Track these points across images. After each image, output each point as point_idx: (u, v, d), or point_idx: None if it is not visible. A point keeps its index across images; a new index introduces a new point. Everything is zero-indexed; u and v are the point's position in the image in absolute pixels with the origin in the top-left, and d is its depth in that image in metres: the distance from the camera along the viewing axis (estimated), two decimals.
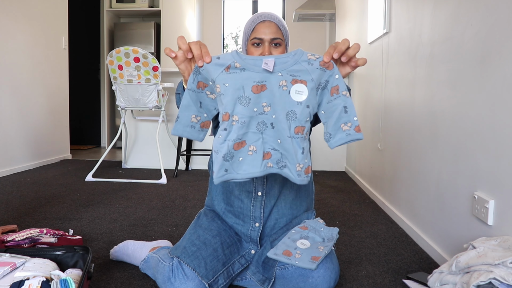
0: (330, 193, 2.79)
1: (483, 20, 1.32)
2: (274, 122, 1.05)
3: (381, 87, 2.55)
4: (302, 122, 1.04)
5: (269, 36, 1.25)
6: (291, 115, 1.03)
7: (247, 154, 1.05)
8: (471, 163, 1.37)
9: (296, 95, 1.03)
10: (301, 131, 1.04)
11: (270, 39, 1.25)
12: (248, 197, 1.34)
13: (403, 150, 2.10)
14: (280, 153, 1.06)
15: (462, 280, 1.04)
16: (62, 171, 3.47)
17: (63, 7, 4.18)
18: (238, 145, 1.04)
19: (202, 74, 1.05)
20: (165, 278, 1.19)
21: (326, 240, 1.23)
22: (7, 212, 2.17)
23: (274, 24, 1.26)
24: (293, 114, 1.03)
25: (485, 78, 1.30)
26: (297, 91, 1.02)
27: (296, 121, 1.04)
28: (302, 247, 1.18)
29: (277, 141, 1.05)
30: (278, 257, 1.14)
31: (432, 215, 1.69)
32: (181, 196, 2.65)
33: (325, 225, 1.29)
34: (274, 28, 1.25)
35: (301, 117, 1.04)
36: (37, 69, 3.73)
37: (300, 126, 1.04)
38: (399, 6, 2.25)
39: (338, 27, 4.56)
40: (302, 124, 1.04)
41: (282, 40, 1.27)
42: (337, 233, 1.25)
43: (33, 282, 1.03)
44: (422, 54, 1.85)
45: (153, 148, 3.75)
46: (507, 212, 1.18)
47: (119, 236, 1.81)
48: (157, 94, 3.11)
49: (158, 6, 5.09)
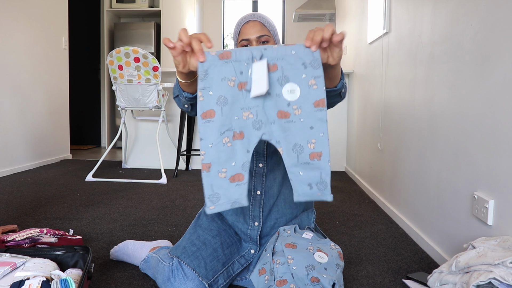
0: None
1: (483, 20, 1.32)
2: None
3: (381, 87, 2.55)
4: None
5: (254, 35, 1.26)
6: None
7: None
8: (471, 163, 1.37)
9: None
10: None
11: (257, 38, 1.26)
12: (247, 196, 1.34)
13: (403, 150, 2.10)
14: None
15: (462, 280, 1.04)
16: (62, 171, 3.47)
17: (63, 7, 4.18)
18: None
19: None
20: (165, 278, 1.19)
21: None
22: (7, 212, 2.17)
23: (258, 22, 1.28)
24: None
25: (484, 78, 1.30)
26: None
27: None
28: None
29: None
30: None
31: (432, 215, 1.70)
32: (181, 196, 2.65)
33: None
34: (259, 27, 1.27)
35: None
36: (37, 69, 3.73)
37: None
38: (399, 6, 2.25)
39: (338, 27, 4.56)
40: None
41: (270, 36, 1.28)
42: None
43: (33, 282, 1.03)
44: (422, 54, 1.86)
45: (153, 148, 3.75)
46: (507, 212, 1.18)
47: (119, 236, 1.81)
48: (157, 94, 3.11)
49: (158, 6, 5.09)
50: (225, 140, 0.98)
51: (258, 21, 1.28)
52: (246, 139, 0.99)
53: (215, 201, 0.98)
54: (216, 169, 0.97)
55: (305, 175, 0.97)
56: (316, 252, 1.15)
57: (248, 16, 1.30)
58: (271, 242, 1.24)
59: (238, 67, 0.98)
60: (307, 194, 0.97)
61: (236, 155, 0.99)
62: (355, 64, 3.43)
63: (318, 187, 0.96)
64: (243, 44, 1.28)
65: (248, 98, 0.99)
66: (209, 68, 0.98)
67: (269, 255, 1.18)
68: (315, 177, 0.96)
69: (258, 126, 0.99)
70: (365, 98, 3.03)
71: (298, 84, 0.97)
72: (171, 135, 3.69)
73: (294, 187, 0.98)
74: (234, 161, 0.99)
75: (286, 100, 0.97)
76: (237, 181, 0.98)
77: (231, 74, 0.98)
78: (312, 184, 0.97)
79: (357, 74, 3.33)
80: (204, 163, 0.98)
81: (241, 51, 0.99)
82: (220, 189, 0.97)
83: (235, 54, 0.98)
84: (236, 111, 0.99)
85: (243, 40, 1.27)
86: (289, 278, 1.10)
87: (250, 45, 1.27)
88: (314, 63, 0.96)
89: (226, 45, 6.02)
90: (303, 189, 0.97)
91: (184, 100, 1.19)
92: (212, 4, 5.77)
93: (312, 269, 1.09)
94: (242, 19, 1.31)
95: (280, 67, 0.97)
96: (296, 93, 0.97)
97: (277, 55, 0.97)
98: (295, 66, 0.96)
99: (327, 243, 1.23)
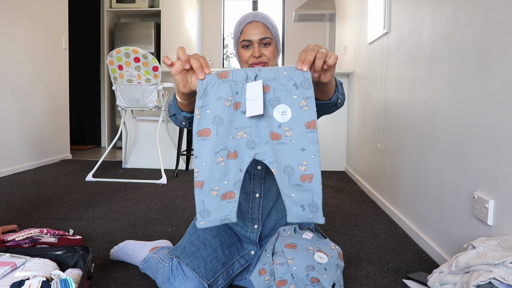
0: (330, 193, 2.79)
1: (483, 20, 1.32)
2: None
3: (381, 87, 2.55)
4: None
5: (257, 36, 1.24)
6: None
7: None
8: (471, 163, 1.37)
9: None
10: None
11: (259, 40, 1.25)
12: (246, 199, 1.33)
13: (403, 150, 2.10)
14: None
15: (462, 280, 1.04)
16: (62, 171, 3.47)
17: (63, 7, 4.18)
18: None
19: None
20: (165, 278, 1.19)
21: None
22: (7, 212, 2.17)
23: (262, 23, 1.25)
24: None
25: (485, 78, 1.30)
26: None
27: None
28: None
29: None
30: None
31: (432, 215, 1.70)
32: (181, 196, 2.65)
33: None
34: (262, 28, 1.25)
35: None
36: (37, 69, 3.73)
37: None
38: (399, 6, 2.25)
39: (338, 27, 4.56)
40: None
41: (272, 39, 1.26)
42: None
43: (33, 282, 1.03)
44: (422, 54, 1.85)
45: (153, 148, 3.75)
46: (507, 212, 1.18)
47: (119, 236, 1.81)
48: (157, 94, 3.11)
49: (158, 6, 5.09)
50: (219, 159, 0.99)
51: (261, 22, 1.25)
52: (240, 158, 1.00)
53: (206, 217, 0.99)
54: (209, 187, 0.99)
55: (297, 197, 0.98)
56: (316, 253, 1.15)
57: (251, 16, 1.27)
58: (271, 243, 1.24)
59: (235, 87, 0.99)
60: (300, 216, 0.98)
61: (229, 174, 1.00)
62: (355, 64, 3.43)
63: (310, 209, 0.97)
64: (244, 45, 1.26)
65: (242, 118, 0.99)
66: (207, 87, 0.99)
67: (269, 256, 1.18)
68: (307, 199, 0.97)
69: (251, 146, 1.00)
70: (365, 98, 3.03)
71: (290, 105, 0.97)
72: (171, 135, 3.69)
73: (287, 208, 0.99)
74: (226, 179, 1.00)
75: (277, 122, 0.97)
76: (228, 199, 1.00)
77: (228, 94, 0.99)
78: (304, 206, 0.98)
79: (357, 74, 3.33)
80: (197, 180, 0.99)
81: (237, 71, 1.00)
82: (211, 206, 0.99)
83: (232, 74, 0.99)
84: (231, 130, 1.00)
85: (245, 41, 1.25)
86: (289, 278, 1.10)
87: (251, 46, 1.26)
88: (305, 84, 0.96)
89: (226, 45, 6.02)
90: (296, 211, 0.98)
91: (182, 119, 1.18)
92: (212, 4, 5.77)
93: (312, 269, 1.09)
94: (244, 19, 1.28)
95: (272, 88, 0.98)
96: (288, 114, 0.97)
97: (270, 76, 0.98)
98: (287, 87, 0.97)
99: (327, 243, 1.23)
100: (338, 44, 4.52)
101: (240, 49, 1.28)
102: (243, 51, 1.27)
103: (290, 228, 1.27)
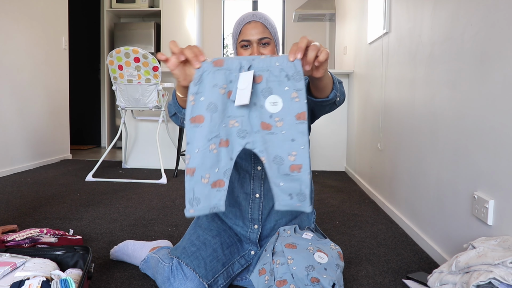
0: (330, 193, 2.79)
1: (483, 20, 1.32)
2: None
3: (381, 87, 2.55)
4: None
5: (256, 36, 1.24)
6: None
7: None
8: (471, 163, 1.37)
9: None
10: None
11: (258, 40, 1.24)
12: (246, 199, 1.33)
13: (403, 150, 2.10)
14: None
15: (462, 280, 1.04)
16: (62, 171, 3.47)
17: (63, 7, 4.18)
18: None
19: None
20: (165, 278, 1.19)
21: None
22: (7, 212, 2.17)
23: (260, 23, 1.25)
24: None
25: (485, 78, 1.30)
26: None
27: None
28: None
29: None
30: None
31: (432, 215, 1.70)
32: (181, 196, 2.65)
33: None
34: (261, 28, 1.25)
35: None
36: (37, 69, 3.73)
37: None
38: (399, 6, 2.25)
39: (338, 27, 4.56)
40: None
41: (271, 39, 1.26)
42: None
43: (33, 282, 1.03)
44: (422, 54, 1.85)
45: (153, 148, 3.75)
46: (506, 212, 1.18)
47: (119, 236, 1.81)
48: (157, 94, 3.11)
49: (158, 6, 5.10)
50: (212, 146, 0.99)
51: (260, 22, 1.25)
52: (231, 147, 1.00)
53: (195, 205, 0.99)
54: (200, 174, 0.98)
55: (286, 186, 0.98)
56: (316, 253, 1.15)
57: (250, 16, 1.27)
58: (271, 242, 1.24)
59: (229, 76, 0.99)
60: (288, 204, 0.98)
61: (220, 161, 1.00)
62: (355, 64, 3.43)
63: (298, 198, 0.97)
64: (243, 45, 1.26)
65: (235, 107, 1.00)
66: (203, 74, 0.99)
67: (269, 256, 1.18)
68: (295, 188, 0.97)
69: (242, 135, 1.00)
70: (365, 98, 3.03)
71: (281, 96, 0.97)
72: (171, 135, 3.69)
73: (275, 196, 0.99)
74: (217, 167, 0.99)
75: (269, 112, 0.98)
76: (218, 187, 0.99)
77: (223, 82, 0.99)
78: (292, 194, 0.98)
79: (357, 74, 3.33)
80: (188, 167, 0.98)
81: (232, 60, 1.00)
82: (201, 194, 0.99)
83: (227, 63, 0.99)
84: (224, 118, 1.00)
85: (244, 41, 1.25)
86: (289, 278, 1.10)
87: (250, 46, 1.26)
88: (296, 76, 0.96)
89: (226, 45, 6.02)
90: (284, 199, 0.98)
91: (183, 117, 1.17)
92: (212, 4, 5.77)
93: (312, 269, 1.09)
94: (243, 18, 1.28)
95: (265, 79, 0.98)
96: (279, 105, 0.97)
97: (264, 66, 0.98)
98: (279, 78, 0.97)
99: (327, 243, 1.23)
100: (338, 44, 4.52)
101: (239, 49, 1.28)
102: (242, 51, 1.27)
103: (290, 228, 1.27)
